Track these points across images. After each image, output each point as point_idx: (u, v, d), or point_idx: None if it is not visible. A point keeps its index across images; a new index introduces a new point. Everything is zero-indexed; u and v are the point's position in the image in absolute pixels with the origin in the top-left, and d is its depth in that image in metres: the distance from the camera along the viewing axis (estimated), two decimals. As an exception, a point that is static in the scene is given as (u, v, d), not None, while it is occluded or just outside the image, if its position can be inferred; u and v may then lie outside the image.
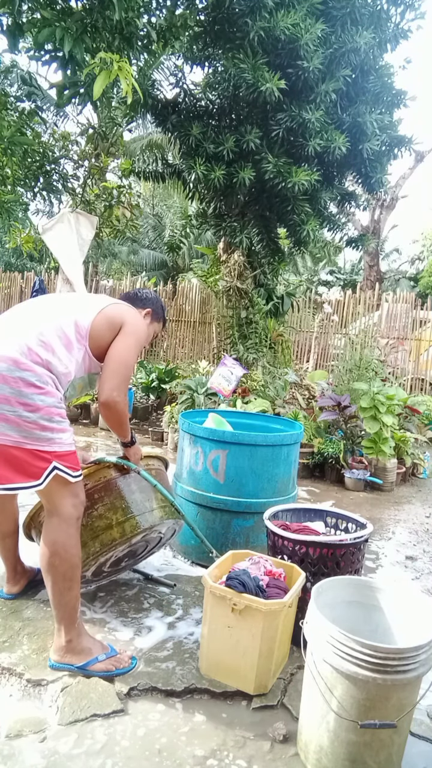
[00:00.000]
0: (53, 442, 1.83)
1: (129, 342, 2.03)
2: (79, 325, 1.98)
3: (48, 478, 1.81)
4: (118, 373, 1.98)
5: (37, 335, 1.86)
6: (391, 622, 1.81)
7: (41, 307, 2.03)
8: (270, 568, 2.12)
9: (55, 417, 1.83)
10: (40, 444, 1.80)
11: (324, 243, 15.26)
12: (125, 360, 2.01)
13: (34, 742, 1.63)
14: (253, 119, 5.69)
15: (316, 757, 1.60)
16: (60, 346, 1.90)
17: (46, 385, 1.82)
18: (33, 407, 1.78)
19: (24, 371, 1.78)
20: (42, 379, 1.81)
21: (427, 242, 22.07)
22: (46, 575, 1.89)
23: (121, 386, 1.99)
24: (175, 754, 1.63)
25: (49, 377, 1.84)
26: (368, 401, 4.94)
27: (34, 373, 1.80)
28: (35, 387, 1.79)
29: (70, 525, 1.88)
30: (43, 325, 1.91)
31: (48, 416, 1.81)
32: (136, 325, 2.09)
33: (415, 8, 5.62)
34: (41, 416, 1.79)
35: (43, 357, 1.84)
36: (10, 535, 2.38)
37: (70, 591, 1.89)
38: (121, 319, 2.06)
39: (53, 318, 1.95)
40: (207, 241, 13.72)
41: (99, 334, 2.01)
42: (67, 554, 1.87)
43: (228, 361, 4.49)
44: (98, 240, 8.18)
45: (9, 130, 5.30)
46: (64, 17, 3.39)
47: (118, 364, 1.99)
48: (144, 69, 5.75)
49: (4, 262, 18.70)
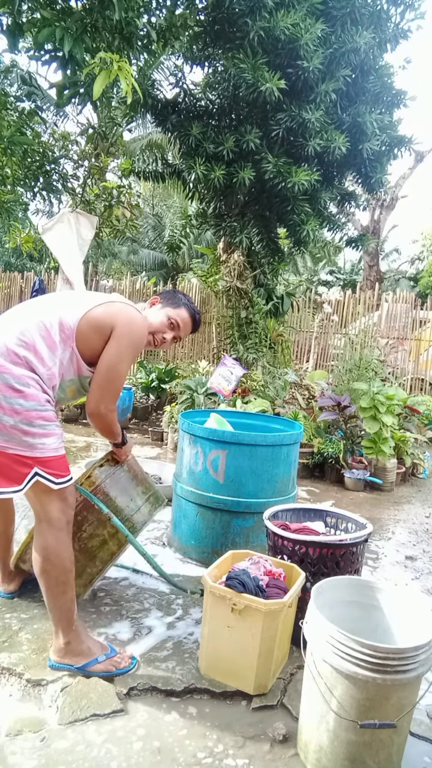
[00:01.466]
0: (34, 447, 1.77)
1: (119, 348, 1.91)
2: (64, 324, 1.87)
3: (29, 483, 1.78)
4: (104, 388, 1.93)
5: (17, 334, 1.79)
6: (390, 622, 1.81)
7: (30, 305, 1.96)
8: (270, 568, 2.12)
9: (35, 421, 1.76)
10: (20, 449, 1.75)
11: (324, 243, 15.26)
12: (113, 371, 1.92)
13: (34, 741, 1.63)
14: (253, 119, 5.69)
15: (315, 757, 1.60)
16: (42, 345, 1.81)
17: (25, 388, 1.75)
18: (11, 411, 1.73)
19: (2, 374, 1.73)
20: (21, 381, 1.74)
21: (427, 242, 22.08)
22: (40, 580, 1.88)
23: (106, 400, 1.95)
24: (175, 754, 1.63)
25: (31, 378, 1.77)
26: (368, 401, 4.94)
27: (11, 375, 1.73)
28: (12, 390, 1.73)
29: (59, 530, 1.85)
30: (25, 323, 1.83)
31: (27, 420, 1.74)
32: (129, 326, 1.94)
33: (415, 8, 5.61)
34: (20, 420, 1.73)
35: (21, 356, 1.77)
36: (4, 534, 2.37)
37: (64, 594, 1.88)
38: (111, 323, 1.92)
39: (37, 315, 1.87)
40: (207, 241, 13.72)
41: (86, 337, 1.90)
42: (58, 559, 1.85)
43: (228, 361, 4.49)
44: (98, 240, 8.18)
45: (9, 130, 5.30)
46: (64, 17, 3.39)
47: (105, 379, 1.92)
48: (144, 69, 5.75)
49: (3, 261, 18.70)
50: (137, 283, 9.85)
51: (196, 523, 2.94)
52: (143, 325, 2.02)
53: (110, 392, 1.95)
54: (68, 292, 2.27)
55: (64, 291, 6.48)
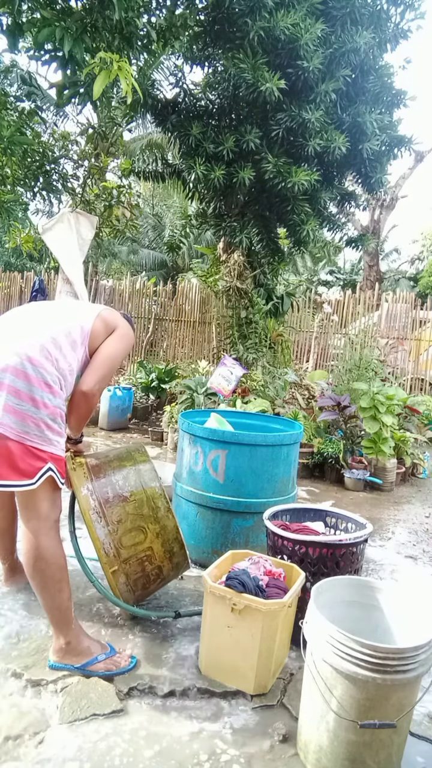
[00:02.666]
0: (51, 443, 1.85)
1: (120, 345, 2.14)
2: (84, 328, 2.06)
3: (42, 478, 1.80)
4: (105, 365, 2.07)
5: (50, 335, 1.93)
6: (390, 622, 1.81)
7: (48, 311, 2.12)
8: (270, 568, 2.12)
9: (58, 418, 1.88)
10: (39, 442, 1.81)
11: (324, 243, 15.25)
12: (113, 357, 2.11)
13: (34, 741, 1.63)
14: (253, 119, 5.69)
15: (315, 757, 1.60)
16: (67, 346, 1.97)
17: (55, 385, 1.87)
18: (41, 404, 1.82)
19: (38, 368, 1.82)
20: (52, 379, 1.86)
21: (427, 242, 22.08)
22: (35, 582, 1.87)
23: (103, 380, 2.08)
24: (175, 753, 1.63)
25: (58, 377, 1.89)
26: (368, 401, 4.94)
27: (47, 371, 1.85)
28: (46, 385, 1.83)
29: (50, 527, 1.88)
30: (54, 326, 1.98)
31: (52, 416, 1.85)
32: (127, 328, 2.23)
33: (415, 8, 5.62)
34: (47, 415, 1.83)
35: (53, 355, 1.89)
36: (8, 532, 2.38)
37: (61, 593, 1.88)
38: (115, 323, 2.18)
39: (62, 321, 2.04)
40: (207, 241, 13.72)
41: (97, 335, 2.11)
42: (53, 557, 1.86)
43: (228, 361, 4.49)
44: (98, 240, 8.18)
45: (9, 130, 5.29)
46: (64, 17, 3.39)
47: (108, 358, 2.09)
48: (144, 69, 5.74)
49: (3, 261, 18.70)
50: (137, 283, 9.85)
51: (196, 523, 2.94)
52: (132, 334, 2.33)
53: (106, 377, 2.09)
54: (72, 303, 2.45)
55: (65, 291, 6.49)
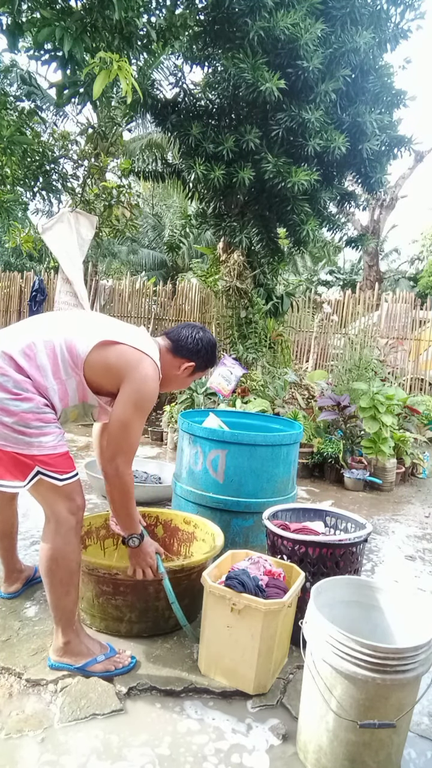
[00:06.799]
0: (32, 445, 1.76)
1: (126, 410, 1.83)
2: (74, 351, 1.82)
3: (32, 480, 1.77)
4: (117, 444, 1.84)
5: (23, 345, 1.78)
6: (390, 622, 1.81)
7: (41, 321, 1.93)
8: (269, 567, 2.12)
9: (32, 423, 1.75)
10: (19, 447, 1.75)
11: (324, 243, 15.26)
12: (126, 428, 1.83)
13: (34, 741, 1.63)
14: (252, 119, 5.69)
15: (315, 757, 1.60)
16: (45, 363, 1.79)
17: (23, 392, 1.75)
18: (8, 412, 1.73)
19: (1, 375, 1.73)
20: (19, 386, 1.75)
21: (427, 242, 22.08)
22: (45, 579, 1.87)
23: (121, 456, 1.83)
24: (174, 753, 1.63)
25: (29, 384, 1.77)
26: (368, 401, 4.94)
27: (11, 378, 1.74)
28: (10, 393, 1.73)
29: (68, 531, 1.83)
30: (33, 337, 1.81)
31: (23, 422, 1.74)
32: (141, 384, 1.84)
33: (415, 8, 5.62)
34: (16, 422, 1.73)
35: (22, 366, 1.76)
36: (8, 535, 2.37)
37: (67, 596, 1.87)
38: (124, 372, 1.84)
39: (46, 333, 1.84)
40: (206, 241, 13.72)
41: (95, 371, 1.84)
42: (64, 560, 1.83)
43: (227, 360, 4.49)
44: (98, 240, 8.18)
45: (8, 130, 5.30)
46: (64, 17, 3.39)
47: (119, 436, 1.83)
48: (144, 69, 5.75)
49: (3, 261, 18.68)
50: (137, 283, 9.85)
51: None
52: (155, 385, 1.90)
53: (124, 449, 1.84)
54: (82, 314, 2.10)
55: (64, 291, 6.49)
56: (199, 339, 2.09)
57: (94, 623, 2.19)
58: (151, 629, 2.17)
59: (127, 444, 1.85)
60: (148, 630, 2.16)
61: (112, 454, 1.85)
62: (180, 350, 2.08)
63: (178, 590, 2.10)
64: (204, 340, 2.10)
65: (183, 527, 2.67)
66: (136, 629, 2.15)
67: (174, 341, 2.09)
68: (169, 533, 2.69)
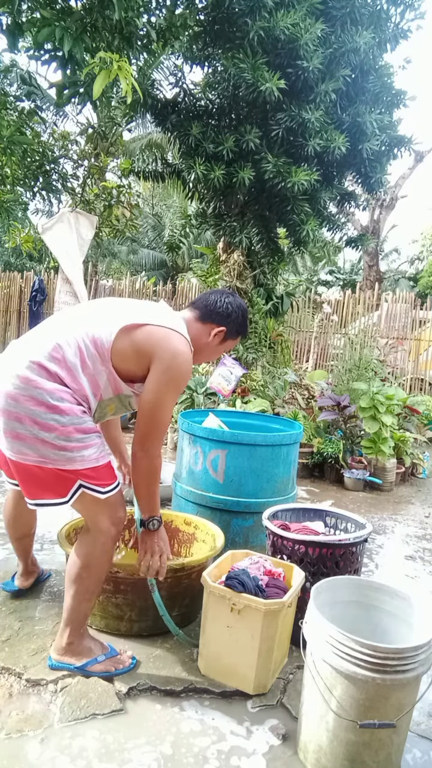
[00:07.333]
0: (74, 460, 1.70)
1: (158, 390, 1.75)
2: (99, 345, 1.75)
3: (74, 496, 1.73)
4: (148, 427, 1.78)
5: (48, 349, 1.71)
6: (390, 622, 1.81)
7: (59, 320, 1.87)
8: (269, 567, 2.12)
9: (73, 435, 1.68)
10: (60, 463, 1.69)
11: (324, 243, 15.26)
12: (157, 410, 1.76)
13: (34, 741, 1.63)
14: (252, 119, 5.69)
15: (315, 757, 1.60)
16: (75, 362, 1.72)
17: (60, 403, 1.67)
18: (47, 427, 1.66)
19: (35, 389, 1.66)
20: (54, 396, 1.67)
21: (427, 242, 22.09)
22: (70, 583, 1.85)
23: (151, 439, 1.77)
24: (174, 753, 1.63)
25: (64, 392, 1.70)
26: (368, 401, 4.94)
27: (44, 390, 1.66)
28: (47, 406, 1.66)
29: (106, 541, 1.80)
30: (56, 338, 1.74)
31: (65, 436, 1.67)
32: (171, 362, 1.75)
33: (415, 8, 5.63)
34: (57, 437, 1.67)
35: (52, 371, 1.69)
36: (27, 535, 2.39)
37: (88, 602, 1.87)
38: (151, 351, 1.75)
39: (68, 331, 1.76)
40: (206, 241, 13.72)
41: (123, 358, 1.76)
42: (97, 570, 1.82)
43: (227, 360, 4.48)
44: (98, 239, 8.19)
45: (8, 130, 5.30)
46: (64, 17, 3.39)
47: (149, 419, 1.77)
48: (144, 69, 5.75)
49: (3, 261, 18.69)
50: (137, 283, 9.85)
51: (196, 523, 2.94)
52: (187, 361, 1.80)
53: (154, 431, 1.79)
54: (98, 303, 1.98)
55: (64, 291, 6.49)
56: (229, 303, 1.99)
57: (94, 621, 2.19)
58: (151, 628, 2.16)
59: (160, 424, 1.78)
60: (148, 628, 2.16)
61: (142, 435, 1.78)
62: (209, 315, 1.98)
63: (179, 590, 2.10)
64: (234, 304, 2.00)
65: (184, 528, 2.66)
66: (136, 628, 2.15)
67: (201, 308, 1.99)
68: (169, 534, 2.69)
